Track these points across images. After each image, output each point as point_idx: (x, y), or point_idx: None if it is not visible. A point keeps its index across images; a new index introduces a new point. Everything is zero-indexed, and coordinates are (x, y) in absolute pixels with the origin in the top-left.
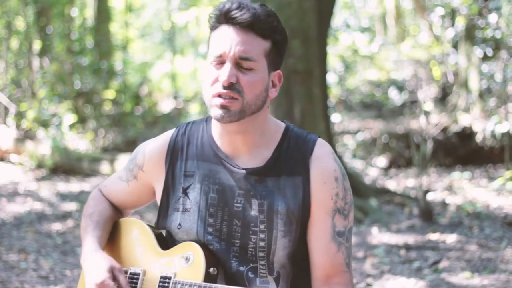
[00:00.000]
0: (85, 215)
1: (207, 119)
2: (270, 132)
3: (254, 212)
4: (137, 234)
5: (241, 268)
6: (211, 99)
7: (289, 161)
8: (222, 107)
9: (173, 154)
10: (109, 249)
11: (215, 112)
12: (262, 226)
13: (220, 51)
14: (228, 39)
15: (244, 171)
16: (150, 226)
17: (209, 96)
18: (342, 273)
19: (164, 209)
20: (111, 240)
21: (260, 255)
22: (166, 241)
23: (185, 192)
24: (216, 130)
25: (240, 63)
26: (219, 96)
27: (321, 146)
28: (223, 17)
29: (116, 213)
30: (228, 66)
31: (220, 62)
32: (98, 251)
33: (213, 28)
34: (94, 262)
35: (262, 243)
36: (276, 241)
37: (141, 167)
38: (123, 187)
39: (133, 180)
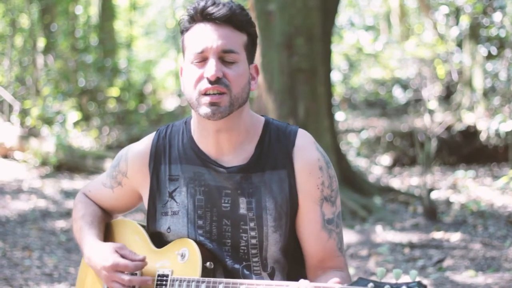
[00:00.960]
0: (77, 218)
1: (186, 121)
2: (252, 127)
3: (242, 210)
4: (131, 234)
5: (236, 266)
6: (198, 98)
7: (272, 155)
8: (212, 104)
9: (156, 158)
10: None
11: (205, 110)
12: (252, 224)
13: (202, 47)
14: (208, 35)
15: (229, 169)
16: (142, 225)
17: (195, 95)
18: (335, 257)
19: (152, 214)
20: (106, 241)
21: (253, 252)
22: (160, 239)
23: (171, 195)
24: (198, 131)
25: (223, 57)
26: (206, 93)
27: (303, 137)
28: (199, 15)
29: (106, 215)
30: (212, 61)
31: (202, 58)
32: (96, 242)
33: (186, 29)
34: (97, 253)
35: (253, 241)
36: (268, 237)
37: (125, 173)
38: (108, 193)
39: (117, 187)
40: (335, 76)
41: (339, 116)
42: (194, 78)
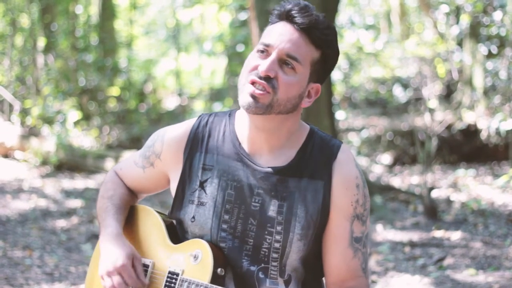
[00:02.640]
0: (105, 197)
1: (230, 113)
2: (296, 134)
3: (272, 212)
4: (150, 225)
5: (252, 268)
6: (244, 84)
7: (312, 164)
8: (252, 96)
9: (193, 145)
10: (124, 234)
11: (244, 99)
12: (279, 228)
13: (270, 41)
14: (282, 34)
15: (267, 169)
16: (162, 216)
17: (244, 81)
18: (358, 278)
19: (179, 200)
20: (125, 225)
21: (274, 256)
22: (177, 234)
23: (202, 185)
24: (241, 125)
25: (285, 60)
26: (253, 83)
27: (345, 152)
28: (284, 14)
29: (133, 197)
30: (272, 58)
31: (266, 51)
32: (120, 236)
33: (271, 23)
34: (116, 246)
35: (277, 244)
36: (292, 244)
37: (159, 155)
38: (138, 173)
39: (149, 167)
40: (336, 75)
41: (340, 115)
42: (250, 66)
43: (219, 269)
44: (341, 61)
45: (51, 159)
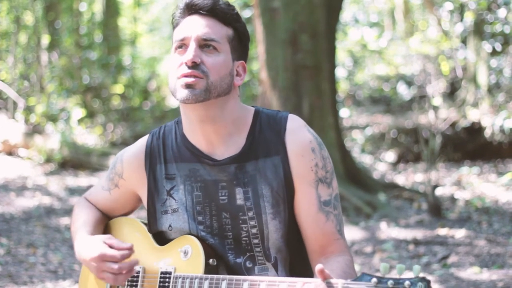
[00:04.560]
0: (73, 222)
1: (178, 121)
2: (241, 118)
3: (239, 201)
4: (132, 231)
5: (238, 260)
6: (175, 82)
7: (264, 143)
8: (187, 86)
9: (152, 158)
10: None
11: (181, 93)
12: (250, 213)
13: (183, 34)
14: (191, 24)
15: (223, 161)
16: (144, 222)
17: (174, 79)
18: (335, 240)
19: (152, 214)
20: None
21: (255, 242)
22: (162, 236)
23: (169, 193)
24: (188, 128)
25: (204, 44)
26: (184, 76)
27: (293, 120)
28: (186, 9)
29: (105, 217)
30: (192, 46)
31: (184, 45)
32: (85, 236)
33: (176, 25)
34: (85, 245)
35: (254, 230)
36: (268, 225)
37: (121, 175)
38: (105, 196)
39: (114, 189)
40: (340, 73)
41: (344, 112)
42: (175, 65)
43: (211, 260)
44: (345, 59)
45: (55, 157)
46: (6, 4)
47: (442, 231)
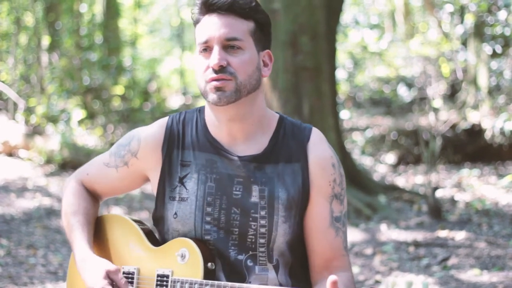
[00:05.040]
0: (68, 213)
1: (200, 109)
2: (266, 119)
3: (254, 198)
4: (125, 232)
5: (240, 257)
6: (205, 86)
7: (287, 148)
8: (217, 89)
9: (170, 142)
10: (98, 248)
11: (211, 96)
12: (262, 212)
13: (206, 37)
14: (212, 25)
15: (243, 158)
16: (135, 221)
17: (203, 83)
18: (341, 256)
19: (161, 198)
20: (97, 238)
21: (261, 242)
22: (155, 238)
23: (181, 181)
24: (211, 119)
25: (227, 44)
26: (212, 80)
27: (317, 134)
28: (204, 8)
29: (96, 208)
30: (216, 49)
31: (208, 48)
32: (90, 256)
33: (196, 22)
34: (89, 271)
35: (262, 229)
36: (277, 227)
37: (135, 153)
38: (110, 174)
39: (123, 167)
40: (340, 74)
41: (344, 114)
42: (201, 69)
43: (209, 264)
44: (346, 60)
45: (55, 158)
46: (6, 5)
47: (442, 233)
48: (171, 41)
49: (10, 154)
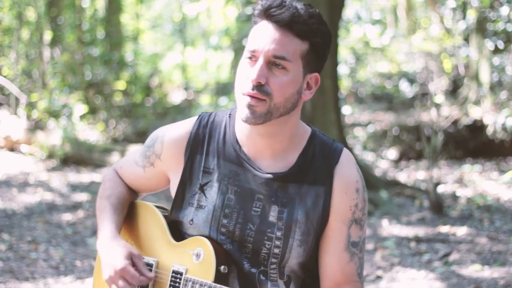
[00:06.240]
0: (102, 196)
1: (231, 113)
2: (297, 137)
3: (272, 218)
4: (151, 222)
5: (253, 270)
6: (240, 97)
7: (313, 169)
8: (249, 106)
9: (193, 147)
10: (124, 233)
11: (242, 112)
12: (279, 233)
13: (255, 46)
14: (265, 36)
15: (267, 175)
16: (162, 211)
17: (239, 93)
18: (353, 282)
19: (178, 202)
20: (126, 223)
21: (272, 261)
22: (178, 230)
23: (202, 188)
24: (240, 129)
25: (273, 61)
26: (247, 95)
27: (346, 156)
28: (263, 13)
29: (132, 196)
30: (259, 64)
31: (254, 57)
32: (116, 237)
33: (254, 23)
34: (113, 249)
35: (276, 250)
36: (291, 250)
37: (159, 155)
38: (139, 172)
39: (149, 167)
40: (342, 70)
41: (346, 109)
42: (242, 75)
43: (222, 267)
44: (348, 56)
45: (57, 153)
46: (8, 0)
47: (444, 229)
48: (173, 36)
49: (12, 149)
